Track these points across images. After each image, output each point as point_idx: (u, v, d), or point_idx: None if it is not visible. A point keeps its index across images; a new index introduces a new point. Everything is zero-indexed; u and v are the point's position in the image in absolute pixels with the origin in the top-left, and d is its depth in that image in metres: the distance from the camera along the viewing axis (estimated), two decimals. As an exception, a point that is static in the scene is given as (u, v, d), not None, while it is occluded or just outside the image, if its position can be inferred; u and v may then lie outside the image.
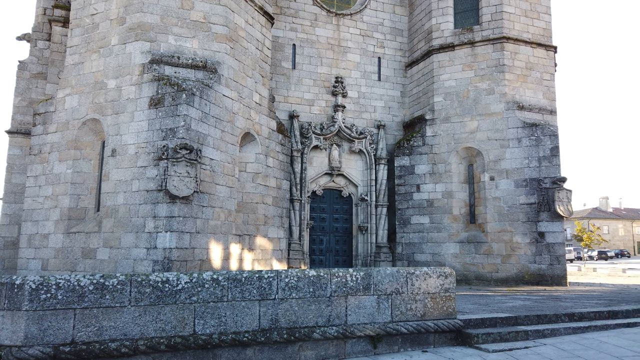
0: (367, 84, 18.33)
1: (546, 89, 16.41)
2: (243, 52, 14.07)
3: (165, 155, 11.40)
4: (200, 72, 12.71)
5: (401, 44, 19.01)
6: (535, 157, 15.37)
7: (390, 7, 19.01)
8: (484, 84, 16.32)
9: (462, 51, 16.79)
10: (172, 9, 12.79)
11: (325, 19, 18.10)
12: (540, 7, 16.86)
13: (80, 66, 12.89)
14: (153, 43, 12.50)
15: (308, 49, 17.74)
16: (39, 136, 13.02)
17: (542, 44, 16.59)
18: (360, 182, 17.55)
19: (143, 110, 11.99)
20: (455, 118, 16.58)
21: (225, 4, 13.38)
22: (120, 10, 12.69)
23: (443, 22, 17.28)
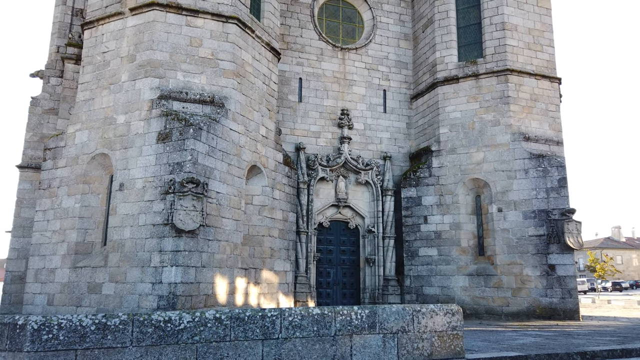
0: (372, 116, 18.50)
1: (552, 120, 16.45)
2: (250, 87, 14.32)
3: (172, 189, 11.49)
4: (207, 107, 12.93)
5: (406, 76, 19.26)
6: (543, 189, 15.27)
7: (394, 41, 19.36)
8: (489, 116, 16.40)
9: (467, 83, 16.96)
10: (181, 47, 13.13)
11: (331, 53, 18.45)
12: (543, 40, 17.08)
13: (90, 102, 13.18)
14: (162, 79, 12.78)
15: (314, 83, 18.02)
16: (49, 171, 13.21)
17: (547, 76, 16.73)
18: (367, 214, 17.49)
19: (151, 144, 12.16)
20: (461, 149, 16.61)
21: (232, 41, 13.71)
22: (131, 48, 13.05)
23: (447, 55, 17.53)
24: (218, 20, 13.60)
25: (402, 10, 19.72)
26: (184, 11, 13.28)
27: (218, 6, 13.66)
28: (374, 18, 19.20)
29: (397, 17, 19.58)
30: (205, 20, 13.49)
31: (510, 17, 16.84)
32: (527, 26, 16.99)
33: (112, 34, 13.37)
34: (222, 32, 13.62)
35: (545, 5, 17.46)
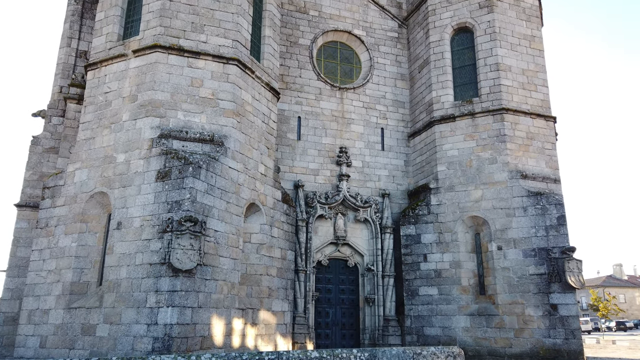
0: (371, 154, 18.65)
1: (548, 158, 16.60)
2: (249, 126, 14.49)
3: (170, 227, 11.43)
4: (207, 145, 13.04)
5: (403, 115, 19.55)
6: (542, 227, 15.23)
7: (391, 81, 19.76)
8: (486, 154, 16.54)
9: (463, 122, 17.19)
10: (182, 87, 13.37)
11: (329, 92, 18.78)
12: (537, 80, 17.45)
13: (91, 141, 13.30)
14: (163, 119, 12.95)
15: (313, 121, 18.25)
16: (47, 209, 13.18)
17: (542, 115, 17.00)
18: (366, 252, 17.35)
19: (150, 183, 12.19)
20: (459, 187, 16.66)
21: (233, 82, 13.98)
22: (133, 89, 13.28)
23: (443, 95, 17.86)
24: (219, 62, 13.91)
25: (398, 51, 20.23)
26: (185, 53, 13.60)
27: (219, 48, 14.01)
28: (371, 59, 19.67)
29: (393, 58, 20.06)
30: (206, 62, 13.79)
31: (504, 58, 17.26)
32: (520, 67, 17.40)
33: (115, 75, 13.64)
34: (223, 72, 13.91)
35: (537, 47, 17.94)
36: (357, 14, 19.94)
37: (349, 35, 19.78)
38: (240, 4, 14.63)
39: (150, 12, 13.81)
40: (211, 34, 14.04)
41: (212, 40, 14.00)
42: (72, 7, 16.71)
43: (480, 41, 17.72)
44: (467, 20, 18.15)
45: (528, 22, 18.13)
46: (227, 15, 14.32)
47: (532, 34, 18.03)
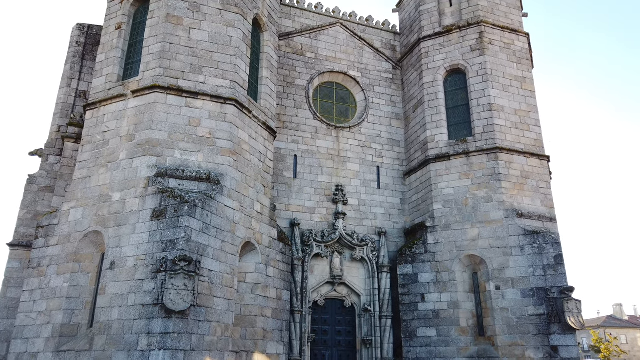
0: (367, 192, 18.68)
1: (544, 197, 16.67)
2: (246, 164, 14.56)
3: (164, 267, 11.29)
4: (203, 184, 13.06)
5: (399, 153, 19.72)
6: (540, 266, 15.12)
7: (386, 121, 20.05)
8: (481, 192, 16.61)
9: (458, 161, 17.34)
10: (179, 126, 13.51)
11: (325, 131, 18.99)
12: (529, 120, 17.76)
13: (87, 180, 13.29)
14: (160, 157, 13.01)
15: (309, 159, 18.37)
16: (40, 249, 13.01)
17: (535, 154, 17.19)
18: (363, 292, 17.09)
19: (145, 222, 12.12)
20: (455, 225, 16.63)
21: (230, 121, 14.15)
22: (131, 128, 13.40)
23: (438, 134, 18.09)
24: (217, 102, 14.13)
25: (392, 92, 20.63)
26: (184, 93, 13.82)
27: (217, 89, 14.26)
28: (366, 99, 20.03)
29: (388, 99, 20.43)
30: (204, 102, 14.00)
31: (496, 98, 17.62)
32: (513, 107, 17.73)
33: (113, 115, 13.80)
34: (221, 112, 14.09)
35: (529, 88, 18.36)
36: (352, 56, 20.45)
37: (344, 76, 20.20)
38: (238, 46, 15.00)
39: (150, 54, 14.13)
40: (210, 74, 14.32)
41: (211, 81, 14.27)
42: (73, 49, 17.10)
43: (473, 82, 18.12)
44: (460, 62, 18.63)
45: (519, 64, 18.62)
46: (225, 57, 14.65)
47: (523, 76, 18.48)
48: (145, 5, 15.23)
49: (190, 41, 14.38)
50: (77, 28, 17.54)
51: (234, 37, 14.97)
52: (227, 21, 15.04)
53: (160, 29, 14.25)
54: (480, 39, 18.47)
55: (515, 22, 19.46)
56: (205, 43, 14.54)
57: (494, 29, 18.76)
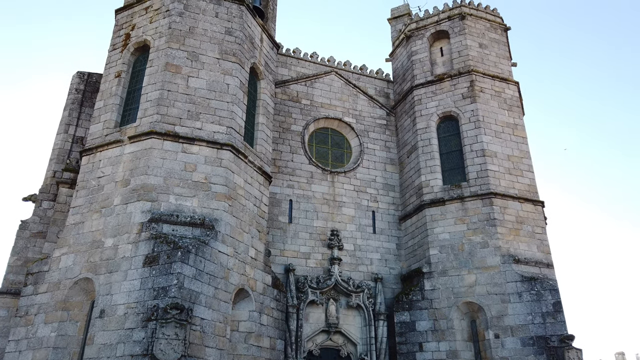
0: (362, 237, 18.57)
1: (540, 242, 16.60)
2: (241, 209, 14.52)
3: (155, 315, 11.01)
4: (197, 229, 12.96)
5: (394, 198, 19.77)
6: (539, 313, 14.85)
7: (381, 166, 20.22)
8: (477, 237, 16.54)
9: (453, 206, 17.38)
10: (175, 171, 13.55)
11: (320, 176, 19.09)
12: (522, 166, 17.95)
13: (80, 225, 13.17)
14: (154, 203, 12.96)
15: (304, 204, 18.35)
16: (28, 297, 12.71)
17: (530, 199, 17.27)
18: (359, 340, 16.65)
19: (137, 268, 11.92)
20: (452, 271, 16.45)
21: (226, 166, 14.22)
22: (126, 173, 13.43)
23: (432, 179, 18.21)
24: (213, 147, 14.25)
25: (387, 137, 20.93)
26: (180, 139, 13.96)
27: (214, 135, 14.42)
28: (361, 144, 20.27)
29: (382, 144, 20.70)
30: (200, 147, 14.12)
31: (489, 144, 17.88)
32: (505, 153, 17.97)
33: (109, 160, 13.86)
34: (217, 157, 14.19)
35: (520, 135, 18.68)
36: (347, 103, 20.87)
37: (339, 122, 20.53)
38: (235, 93, 15.30)
39: (148, 101, 14.37)
40: (206, 121, 14.52)
41: (207, 127, 14.45)
42: (72, 96, 17.39)
43: (465, 129, 18.45)
44: (452, 109, 19.03)
45: (510, 112, 19.03)
46: (222, 104, 14.92)
47: (515, 122, 18.85)
48: (145, 54, 15.63)
49: (188, 89, 14.67)
50: (77, 76, 17.92)
51: (231, 84, 15.30)
52: (225, 70, 15.41)
53: (159, 77, 14.56)
54: (472, 87, 18.95)
55: (505, 71, 20.05)
56: (202, 90, 14.84)
57: (484, 78, 19.29)
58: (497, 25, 21.01)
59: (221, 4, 16.37)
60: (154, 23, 15.72)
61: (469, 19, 20.42)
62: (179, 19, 15.51)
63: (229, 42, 15.87)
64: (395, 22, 23.77)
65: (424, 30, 21.06)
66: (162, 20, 15.58)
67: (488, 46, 20.24)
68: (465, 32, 20.09)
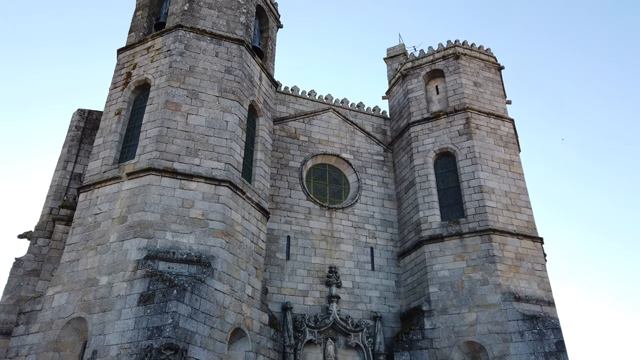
0: (361, 274, 18.35)
1: (540, 280, 16.42)
2: (238, 246, 14.40)
3: (149, 356, 10.73)
4: (194, 266, 12.81)
5: (392, 234, 19.66)
6: (542, 353, 14.52)
7: (379, 202, 20.22)
8: (477, 275, 16.37)
9: (452, 242, 17.27)
10: (172, 208, 13.51)
11: (318, 212, 19.05)
12: (520, 202, 17.97)
13: (75, 263, 13.01)
14: (151, 239, 12.86)
15: (302, 240, 18.23)
16: (19, 337, 12.40)
17: (529, 236, 17.20)
18: (358, 382, 16.18)
19: (132, 307, 11.70)
20: (452, 309, 16.18)
21: (223, 202, 14.20)
22: (123, 210, 13.38)
23: (430, 215, 18.18)
24: (211, 184, 14.27)
25: (384, 173, 21.04)
26: (178, 175, 14.00)
27: (212, 171, 14.47)
28: (358, 180, 20.35)
29: (380, 180, 20.78)
30: (198, 184, 14.14)
31: (486, 180, 17.95)
32: (503, 189, 18.03)
33: (107, 197, 13.84)
34: (214, 194, 14.19)
35: (517, 171, 18.80)
36: (344, 139, 21.08)
37: (337, 159, 20.67)
38: (234, 130, 15.46)
39: (147, 137, 14.50)
40: (205, 157, 14.60)
41: (206, 163, 14.52)
42: (72, 133, 17.54)
43: (462, 165, 18.57)
44: (449, 145, 19.22)
45: (506, 148, 19.22)
46: (221, 141, 15.04)
47: (511, 159, 19.01)
48: (145, 92, 15.89)
49: (187, 126, 14.84)
50: (77, 113, 18.13)
51: (230, 122, 15.48)
52: (224, 107, 15.63)
53: (159, 114, 14.75)
54: (467, 124, 19.21)
55: (500, 109, 20.38)
56: (201, 127, 14.99)
57: (479, 115, 19.59)
58: (491, 65, 21.52)
59: (221, 44, 16.77)
60: (155, 62, 16.05)
61: (463, 58, 20.93)
62: (180, 59, 15.85)
63: (229, 81, 16.17)
64: (391, 61, 24.34)
65: (420, 69, 21.53)
66: (163, 60, 15.92)
67: (483, 84, 20.66)
68: (459, 71, 20.55)
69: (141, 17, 18.30)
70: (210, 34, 16.78)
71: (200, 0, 17.51)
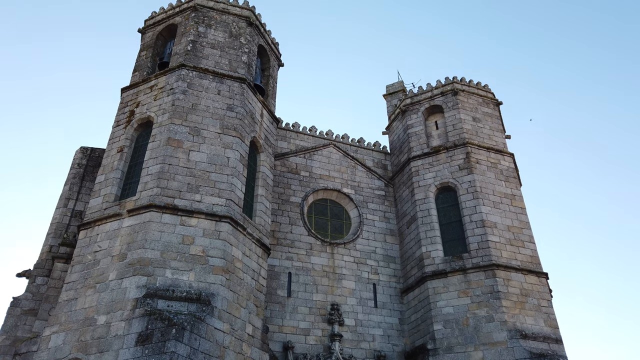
0: (364, 311, 18.01)
1: (546, 316, 16.09)
2: (238, 283, 14.20)
3: (146, 399, 10.39)
4: (193, 304, 12.59)
5: (395, 270, 19.42)
6: (552, 393, 14.07)
7: (381, 237, 20.07)
8: (482, 311, 16.05)
9: (455, 278, 17.03)
10: (172, 245, 13.41)
11: (320, 248, 18.88)
12: (523, 237, 17.82)
13: (73, 302, 12.81)
14: (150, 277, 12.70)
15: (304, 277, 17.98)
16: (13, 379, 12.08)
17: (533, 271, 16.96)
18: None
19: (129, 347, 11.43)
20: (458, 348, 15.78)
21: (224, 239, 14.10)
22: (123, 247, 13.28)
23: (433, 250, 18.00)
24: (212, 220, 14.21)
25: (386, 208, 20.98)
26: (179, 212, 13.96)
27: (213, 207, 14.44)
28: (360, 215, 20.26)
29: (382, 215, 20.70)
30: (199, 220, 14.08)
31: (488, 215, 17.87)
32: (505, 224, 17.91)
33: (107, 234, 13.76)
34: (215, 230, 14.11)
35: (519, 205, 18.73)
36: (345, 175, 21.14)
37: (338, 194, 20.67)
38: (235, 166, 15.53)
39: (149, 174, 14.55)
40: (206, 193, 14.61)
41: (207, 199, 14.51)
42: (74, 170, 17.63)
43: (464, 199, 18.53)
44: (449, 180, 19.24)
45: (507, 182, 19.23)
46: (222, 177, 15.09)
47: (512, 193, 18.98)
48: (148, 130, 16.07)
49: (189, 162, 14.91)
50: (80, 151, 18.27)
51: (231, 158, 15.58)
52: (226, 144, 15.76)
53: (161, 151, 14.86)
54: (468, 159, 19.29)
55: (500, 144, 20.52)
56: (203, 164, 15.07)
57: (479, 150, 19.71)
58: (489, 100, 21.82)
59: (223, 82, 17.08)
60: (158, 100, 16.31)
61: (462, 94, 21.25)
62: (183, 97, 16.11)
63: (230, 118, 16.38)
64: (391, 97, 24.71)
65: (419, 105, 21.83)
66: (166, 98, 16.18)
67: (481, 120, 20.88)
68: (458, 106, 20.82)
69: (145, 57, 18.74)
70: (213, 73, 17.11)
71: (203, 41, 17.97)
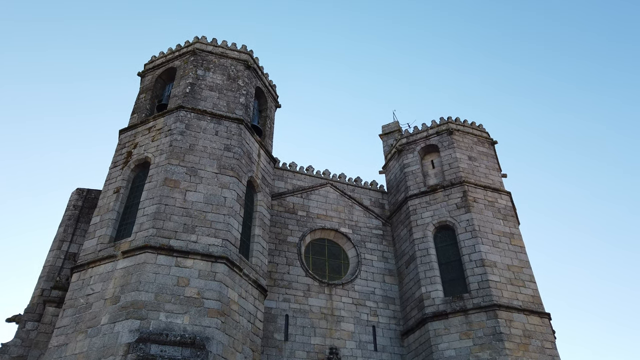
0: (363, 355, 17.47)
1: (550, 359, 15.63)
2: (234, 326, 13.82)
3: None
4: (187, 349, 12.18)
5: (394, 312, 19.00)
6: None
7: (380, 277, 19.75)
8: (485, 354, 15.59)
9: (456, 319, 16.65)
10: (167, 287, 13.12)
11: (317, 289, 18.52)
12: (523, 276, 17.56)
13: (63, 348, 12.40)
14: (143, 321, 12.36)
15: (301, 319, 17.55)
16: None
17: (535, 311, 16.61)
18: None
19: (120, 396, 10.97)
20: (461, 393, 15.21)
21: (220, 280, 13.83)
22: (117, 290, 12.98)
23: (433, 291, 17.68)
24: (207, 260, 13.98)
25: (384, 247, 20.76)
26: (175, 252, 13.75)
27: (209, 247, 14.25)
28: (358, 255, 20.02)
29: (380, 254, 20.46)
30: (194, 261, 13.86)
31: (487, 254, 17.67)
32: (505, 263, 17.69)
33: (100, 276, 13.49)
34: (210, 271, 13.85)
35: (518, 244, 18.57)
36: (342, 214, 21.04)
37: (335, 233, 20.49)
38: (232, 206, 15.44)
39: (145, 215, 14.43)
40: (202, 233, 14.45)
41: (203, 239, 14.33)
42: (69, 212, 17.46)
43: (462, 238, 18.38)
44: (447, 219, 19.15)
45: (505, 221, 19.14)
46: (219, 217, 14.97)
47: (511, 232, 18.86)
48: (145, 170, 16.07)
49: (185, 202, 14.83)
50: (76, 192, 18.17)
51: (228, 197, 15.51)
52: (223, 183, 15.74)
53: (157, 191, 14.80)
54: (465, 197, 19.29)
55: (496, 182, 20.58)
56: (199, 204, 14.99)
57: (476, 188, 19.73)
58: (484, 139, 22.06)
59: (221, 123, 17.26)
60: (155, 141, 16.40)
61: (457, 134, 21.49)
62: (180, 137, 16.22)
63: (228, 158, 16.43)
64: (387, 137, 24.98)
65: (415, 145, 22.03)
66: (164, 139, 16.28)
67: (477, 159, 21.03)
68: (454, 146, 21.01)
69: (144, 99, 19.00)
70: (211, 114, 17.32)
71: (202, 83, 18.28)
